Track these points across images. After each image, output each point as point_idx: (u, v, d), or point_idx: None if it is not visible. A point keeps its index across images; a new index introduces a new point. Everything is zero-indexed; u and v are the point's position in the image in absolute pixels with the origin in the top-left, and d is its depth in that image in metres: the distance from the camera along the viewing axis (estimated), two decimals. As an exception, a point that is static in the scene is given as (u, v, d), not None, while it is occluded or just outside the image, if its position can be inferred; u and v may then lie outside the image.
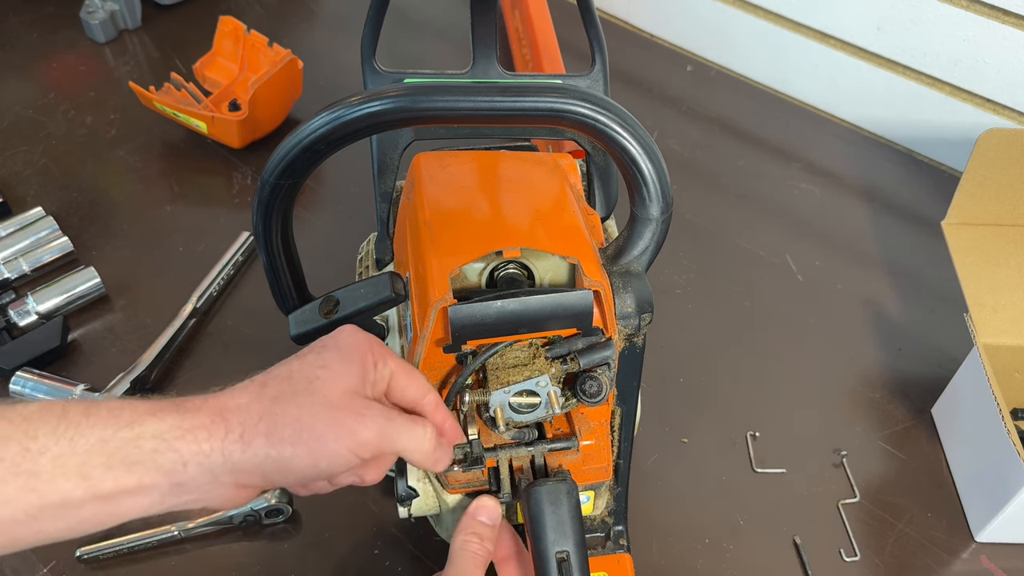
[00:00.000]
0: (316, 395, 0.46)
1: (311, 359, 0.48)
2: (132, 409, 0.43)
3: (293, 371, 0.47)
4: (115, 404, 0.43)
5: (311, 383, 0.46)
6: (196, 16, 1.12)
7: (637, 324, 0.54)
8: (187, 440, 0.43)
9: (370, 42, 0.66)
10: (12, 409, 0.42)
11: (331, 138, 0.50)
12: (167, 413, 0.43)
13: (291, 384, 0.46)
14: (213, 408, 0.44)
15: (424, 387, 0.51)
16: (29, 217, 0.85)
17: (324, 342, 0.50)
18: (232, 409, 0.45)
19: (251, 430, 0.44)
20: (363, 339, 0.50)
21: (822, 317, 0.84)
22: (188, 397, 0.46)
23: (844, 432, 0.76)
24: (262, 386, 0.46)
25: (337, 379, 0.47)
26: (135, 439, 0.42)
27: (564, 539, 0.52)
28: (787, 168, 0.99)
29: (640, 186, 0.52)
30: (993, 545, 0.69)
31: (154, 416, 0.43)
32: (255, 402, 0.45)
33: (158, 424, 0.43)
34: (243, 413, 0.45)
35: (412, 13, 1.15)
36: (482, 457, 0.55)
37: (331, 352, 0.48)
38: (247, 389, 0.46)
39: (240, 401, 0.45)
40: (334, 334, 0.50)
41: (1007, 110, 0.93)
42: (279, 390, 0.46)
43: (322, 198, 0.92)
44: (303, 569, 0.65)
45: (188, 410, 0.44)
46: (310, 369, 0.47)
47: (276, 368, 0.48)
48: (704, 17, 1.10)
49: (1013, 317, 0.72)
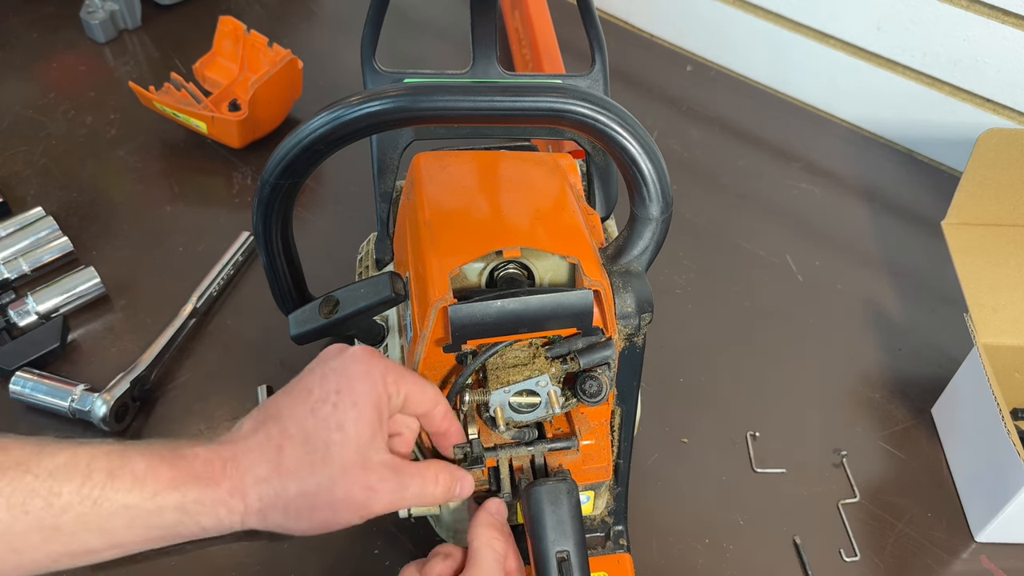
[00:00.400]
0: (333, 463, 0.46)
1: (326, 414, 0.47)
2: (155, 478, 0.44)
3: (309, 434, 0.47)
4: (139, 469, 0.44)
5: (328, 449, 0.46)
6: (196, 16, 1.12)
7: (637, 324, 0.54)
8: (208, 515, 0.45)
9: (370, 42, 0.66)
10: (39, 462, 0.43)
11: (331, 138, 0.50)
12: (189, 486, 0.45)
13: (307, 451, 0.46)
14: (233, 480, 0.45)
15: (435, 399, 0.52)
16: (29, 217, 0.85)
17: (339, 385, 0.48)
18: (251, 483, 0.46)
19: (270, 505, 0.46)
20: (378, 375, 0.49)
21: (822, 317, 0.84)
22: (205, 448, 0.46)
23: (844, 432, 0.76)
24: (279, 451, 0.46)
25: (352, 442, 0.47)
26: (158, 511, 0.44)
27: (564, 539, 0.52)
28: (787, 168, 0.99)
29: (640, 186, 0.52)
30: (993, 545, 0.69)
31: (176, 490, 0.44)
32: (274, 476, 0.46)
33: (180, 498, 0.44)
34: (262, 487, 0.46)
35: (412, 13, 1.15)
36: (482, 457, 0.55)
37: (346, 407, 0.47)
38: (264, 451, 0.46)
39: (260, 473, 0.46)
40: (347, 367, 0.49)
41: (1007, 110, 0.93)
42: (296, 460, 0.46)
43: (322, 198, 0.92)
44: (303, 569, 0.65)
45: (209, 482, 0.45)
46: (325, 431, 0.47)
47: (288, 419, 0.47)
48: (704, 17, 1.10)
49: (1013, 317, 0.72)
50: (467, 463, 0.55)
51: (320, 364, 0.50)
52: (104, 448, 0.45)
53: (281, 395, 0.49)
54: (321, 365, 0.50)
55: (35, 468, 0.42)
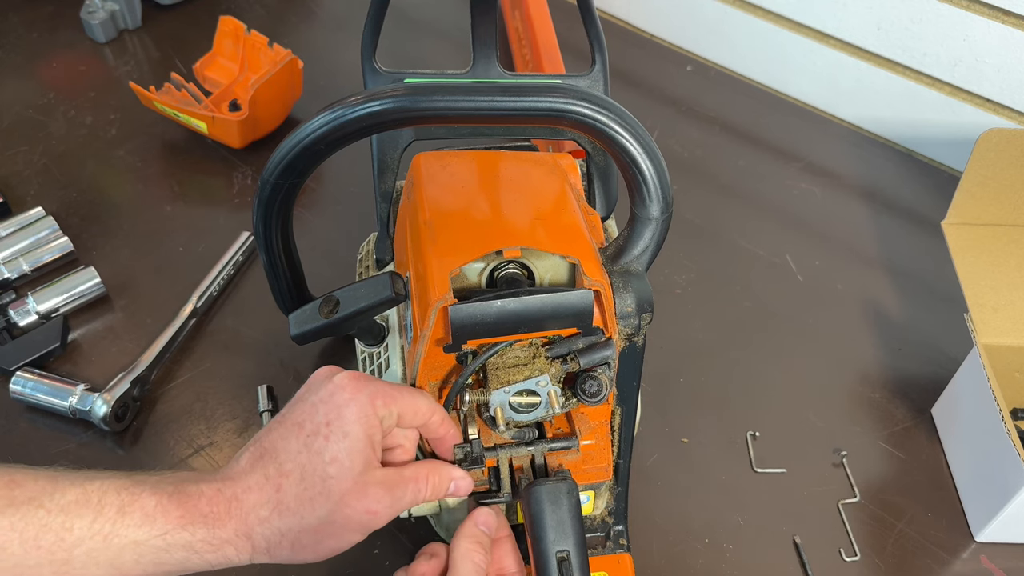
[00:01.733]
0: (331, 496, 0.47)
1: (319, 447, 0.48)
2: (164, 516, 0.45)
3: (304, 469, 0.48)
4: (149, 506, 0.45)
5: (325, 483, 0.47)
6: (196, 16, 1.12)
7: (637, 324, 0.54)
8: (217, 555, 0.47)
9: (370, 42, 0.66)
10: (51, 497, 0.44)
11: (331, 138, 0.50)
12: (197, 526, 0.46)
13: (304, 486, 0.47)
14: (238, 520, 0.47)
15: (429, 410, 0.53)
16: (29, 217, 0.85)
17: (329, 417, 0.49)
18: (255, 524, 0.47)
19: (276, 544, 0.48)
20: (366, 401, 0.49)
21: (822, 317, 0.84)
22: (210, 486, 0.47)
23: (844, 432, 0.76)
24: (277, 490, 0.47)
25: (347, 472, 0.48)
26: (167, 548, 0.45)
27: (564, 539, 0.52)
28: (787, 168, 0.99)
29: (640, 186, 0.52)
30: (993, 545, 0.69)
31: (185, 529, 0.46)
32: (275, 516, 0.47)
33: (189, 537, 0.46)
34: (266, 527, 0.47)
35: (412, 13, 1.15)
36: (482, 457, 0.55)
37: (338, 439, 0.48)
38: (264, 491, 0.47)
39: (262, 514, 0.47)
40: (334, 396, 0.49)
41: (1007, 110, 0.93)
42: (295, 497, 0.47)
43: (322, 198, 0.92)
44: (303, 569, 0.65)
45: (215, 523, 0.46)
46: (321, 466, 0.48)
47: (283, 454, 0.48)
48: (704, 17, 1.10)
49: (1013, 317, 0.72)
50: (467, 463, 0.55)
51: (309, 393, 0.51)
52: (115, 483, 0.46)
53: (275, 426, 0.50)
54: (310, 395, 0.50)
55: (48, 503, 0.44)
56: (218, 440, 0.72)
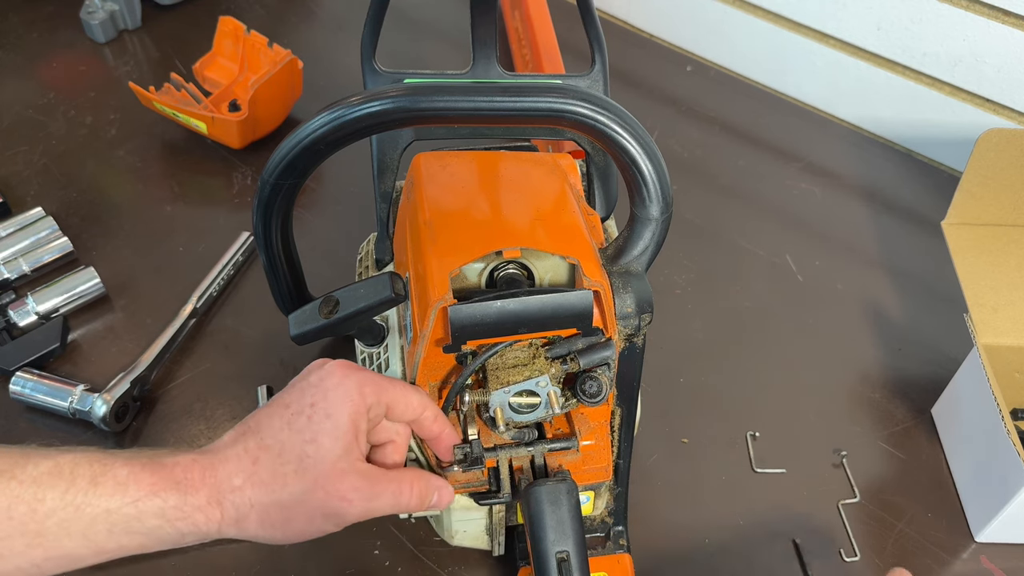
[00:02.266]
0: (306, 476, 0.47)
1: (301, 426, 0.48)
2: (137, 484, 0.45)
3: (284, 445, 0.48)
4: (121, 475, 0.45)
5: (301, 461, 0.47)
6: (196, 16, 1.12)
7: (637, 324, 0.54)
8: (187, 522, 0.46)
9: (370, 42, 0.66)
10: (23, 469, 0.44)
11: (331, 138, 0.50)
12: (169, 492, 0.46)
13: (281, 462, 0.47)
14: (211, 487, 0.47)
15: (421, 405, 0.53)
16: (29, 217, 0.85)
17: (315, 399, 0.49)
18: (227, 491, 0.47)
19: (245, 515, 0.47)
20: (353, 386, 0.49)
21: (822, 317, 0.84)
22: (186, 456, 0.47)
23: (844, 432, 0.76)
24: (254, 462, 0.47)
25: (326, 454, 0.48)
26: (138, 516, 0.45)
27: (564, 539, 0.52)
28: (787, 168, 0.99)
29: (640, 186, 0.52)
30: (993, 545, 0.69)
31: (157, 496, 0.46)
32: (248, 486, 0.47)
33: (161, 504, 0.46)
34: (237, 496, 0.47)
35: (412, 13, 1.15)
36: (482, 457, 0.55)
37: (320, 419, 0.48)
38: (240, 462, 0.47)
39: (235, 483, 0.47)
40: (323, 380, 0.50)
41: (1007, 110, 0.93)
42: (270, 471, 0.47)
43: (322, 198, 0.92)
44: (303, 569, 0.65)
45: (188, 489, 0.46)
46: (300, 444, 0.48)
47: (266, 430, 0.48)
48: (704, 17, 1.10)
49: (1013, 317, 0.72)
50: (467, 464, 0.55)
51: (300, 379, 0.51)
52: (87, 456, 0.46)
53: (262, 408, 0.50)
54: (301, 380, 0.51)
55: (20, 475, 0.44)
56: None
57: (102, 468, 0.45)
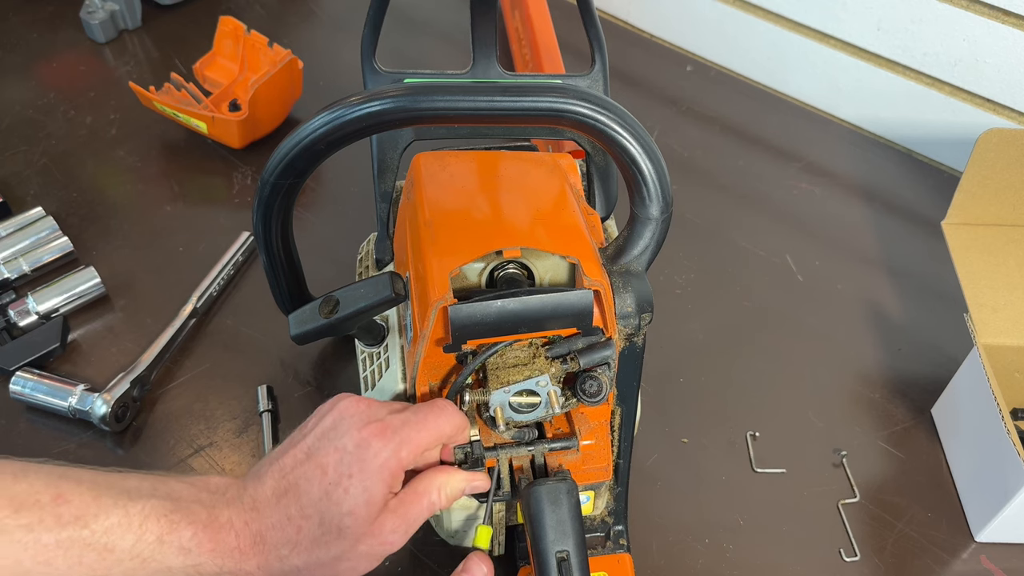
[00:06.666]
0: (346, 539, 0.49)
1: (339, 498, 0.49)
2: (199, 549, 0.48)
3: (323, 516, 0.49)
4: (186, 539, 0.48)
5: (341, 531, 0.49)
6: (196, 16, 1.12)
7: (637, 324, 0.54)
8: None
9: (370, 42, 0.66)
10: (95, 518, 0.47)
11: (331, 138, 0.50)
12: (226, 558, 0.49)
13: (322, 531, 0.49)
14: (261, 555, 0.49)
15: (454, 428, 0.53)
16: (29, 217, 0.85)
17: (352, 470, 0.49)
18: (275, 560, 0.49)
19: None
20: (392, 458, 0.50)
21: (822, 317, 0.84)
22: (239, 518, 0.50)
23: (844, 432, 0.76)
24: (297, 532, 0.49)
25: (363, 521, 0.49)
26: (196, 575, 0.49)
27: (564, 539, 0.52)
28: (787, 168, 0.99)
29: (640, 186, 0.52)
30: (993, 545, 0.69)
31: (214, 562, 0.49)
32: (294, 554, 0.49)
33: (217, 569, 0.49)
34: (285, 563, 0.50)
35: (412, 13, 1.15)
36: (482, 457, 0.55)
37: (357, 493, 0.49)
38: (285, 531, 0.49)
39: (283, 552, 0.49)
40: (360, 450, 0.50)
41: (1007, 110, 0.93)
42: (313, 539, 0.49)
43: (322, 198, 0.92)
44: (303, 569, 0.65)
45: (241, 557, 0.49)
46: (338, 516, 0.49)
47: (305, 498, 0.49)
48: (704, 17, 1.10)
49: (1013, 317, 0.72)
50: (467, 464, 0.55)
51: (336, 434, 0.51)
52: (155, 509, 0.48)
53: (300, 458, 0.51)
54: (337, 436, 0.51)
55: (92, 524, 0.46)
56: (218, 440, 0.72)
57: (169, 527, 0.47)
